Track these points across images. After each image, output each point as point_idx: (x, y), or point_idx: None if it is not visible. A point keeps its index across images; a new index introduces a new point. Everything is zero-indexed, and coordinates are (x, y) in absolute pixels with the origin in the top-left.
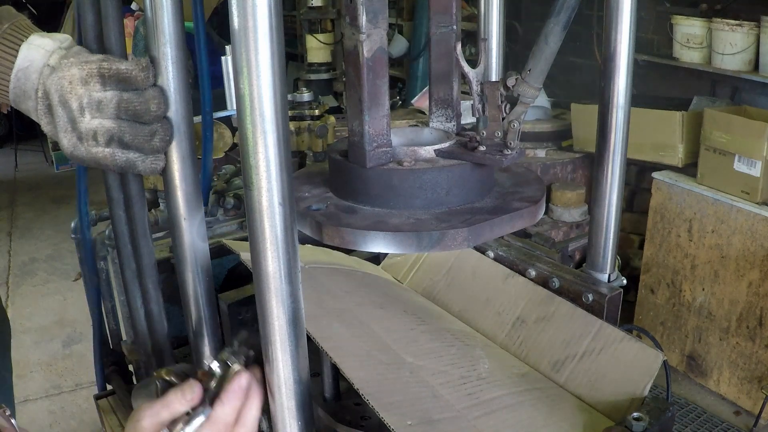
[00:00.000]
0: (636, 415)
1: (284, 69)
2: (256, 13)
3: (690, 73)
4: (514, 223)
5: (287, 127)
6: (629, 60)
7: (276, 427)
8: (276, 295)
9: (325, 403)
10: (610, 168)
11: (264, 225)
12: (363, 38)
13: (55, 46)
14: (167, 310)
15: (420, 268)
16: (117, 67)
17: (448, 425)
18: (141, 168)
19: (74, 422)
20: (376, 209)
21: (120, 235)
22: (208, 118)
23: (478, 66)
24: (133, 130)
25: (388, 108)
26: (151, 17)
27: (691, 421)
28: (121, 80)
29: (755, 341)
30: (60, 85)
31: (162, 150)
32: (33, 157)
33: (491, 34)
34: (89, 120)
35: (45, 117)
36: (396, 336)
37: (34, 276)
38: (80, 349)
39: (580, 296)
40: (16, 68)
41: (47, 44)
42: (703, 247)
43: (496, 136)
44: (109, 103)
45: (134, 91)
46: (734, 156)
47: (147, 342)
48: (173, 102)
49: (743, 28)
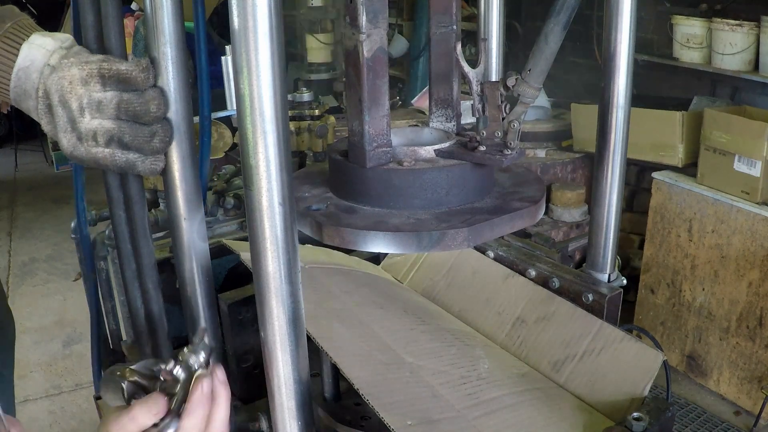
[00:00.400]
0: (636, 415)
1: (284, 69)
2: (256, 13)
3: (690, 73)
4: (514, 223)
5: (287, 127)
6: (629, 60)
7: (276, 427)
8: (276, 295)
9: (325, 403)
10: (610, 168)
11: (264, 225)
12: (363, 38)
13: (56, 45)
14: (167, 310)
15: (420, 268)
16: (117, 68)
17: (448, 425)
18: (141, 168)
19: (74, 422)
20: (376, 209)
21: (120, 235)
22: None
23: (478, 66)
24: (132, 130)
25: (388, 108)
26: (151, 17)
27: (691, 421)
28: (121, 81)
29: (755, 341)
30: (60, 85)
31: (162, 151)
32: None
33: (491, 34)
34: (89, 120)
35: (45, 116)
36: (396, 336)
37: (34, 276)
38: (80, 349)
39: (580, 296)
40: (17, 67)
41: (48, 43)
42: (703, 247)
43: (496, 136)
44: (109, 104)
45: (134, 91)
46: (734, 156)
47: (147, 342)
48: (173, 102)
49: (743, 28)
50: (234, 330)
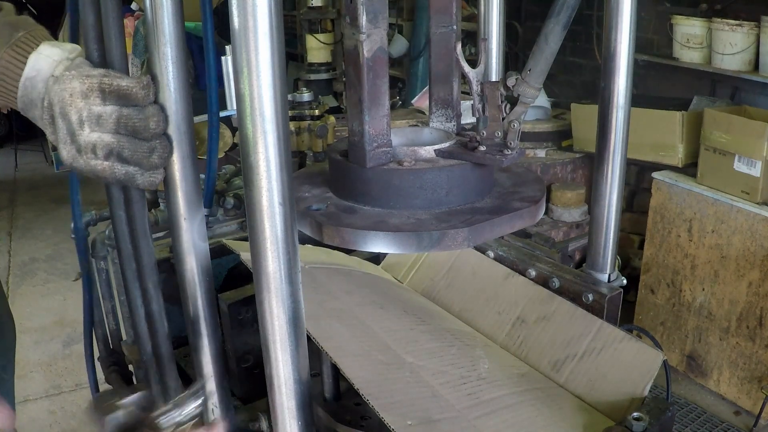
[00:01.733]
0: (636, 415)
1: (284, 69)
2: (256, 13)
3: (690, 73)
4: (514, 223)
5: (287, 127)
6: (629, 60)
7: (276, 427)
8: (276, 295)
9: (325, 403)
10: (610, 168)
11: (264, 225)
12: (363, 38)
13: (63, 56)
14: (167, 310)
15: (420, 268)
16: (118, 84)
17: (448, 425)
18: (140, 182)
19: (74, 422)
20: (377, 209)
21: (120, 235)
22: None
23: (478, 66)
24: (132, 145)
25: (388, 108)
26: (151, 17)
27: (691, 421)
28: (121, 96)
29: (755, 341)
30: (61, 97)
31: (161, 166)
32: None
33: (491, 34)
34: (88, 133)
35: (50, 126)
36: (396, 336)
37: (34, 276)
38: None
39: (580, 296)
40: (24, 76)
41: (55, 54)
42: (703, 247)
43: (496, 136)
44: (108, 118)
45: (134, 107)
46: (734, 156)
47: (147, 342)
48: (173, 102)
49: (743, 28)
50: (234, 330)
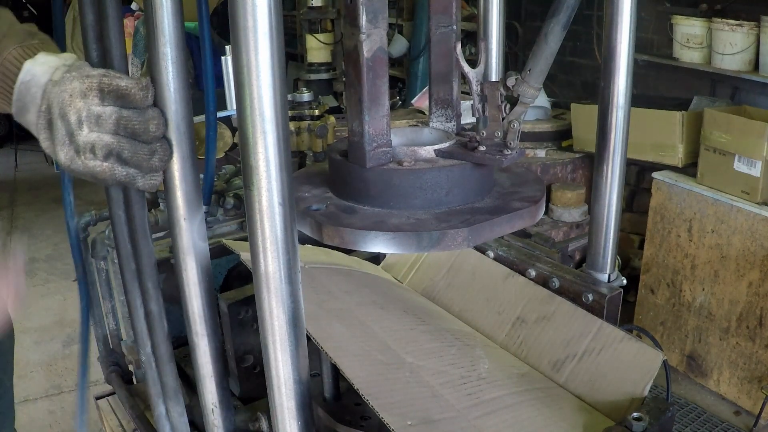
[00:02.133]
0: (636, 415)
1: (284, 69)
2: (256, 13)
3: (690, 73)
4: (514, 223)
5: (287, 127)
6: (629, 60)
7: (276, 427)
8: (276, 295)
9: (325, 403)
10: (610, 168)
11: (264, 225)
12: (363, 38)
13: (59, 63)
14: (167, 310)
15: (420, 268)
16: (117, 84)
17: (448, 425)
18: (140, 183)
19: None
20: (376, 209)
21: (120, 235)
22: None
23: (478, 66)
24: (132, 146)
25: (388, 108)
26: (151, 17)
27: (691, 421)
28: (120, 96)
29: (755, 341)
30: (61, 98)
31: (160, 169)
32: (33, 157)
33: (491, 34)
34: (87, 133)
35: (44, 132)
36: (396, 336)
37: (34, 276)
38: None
39: (580, 296)
40: (19, 81)
41: (51, 61)
42: (703, 247)
43: (496, 136)
44: (108, 119)
45: (134, 109)
46: (734, 156)
47: (147, 342)
48: (173, 102)
49: (743, 28)
50: (234, 330)
